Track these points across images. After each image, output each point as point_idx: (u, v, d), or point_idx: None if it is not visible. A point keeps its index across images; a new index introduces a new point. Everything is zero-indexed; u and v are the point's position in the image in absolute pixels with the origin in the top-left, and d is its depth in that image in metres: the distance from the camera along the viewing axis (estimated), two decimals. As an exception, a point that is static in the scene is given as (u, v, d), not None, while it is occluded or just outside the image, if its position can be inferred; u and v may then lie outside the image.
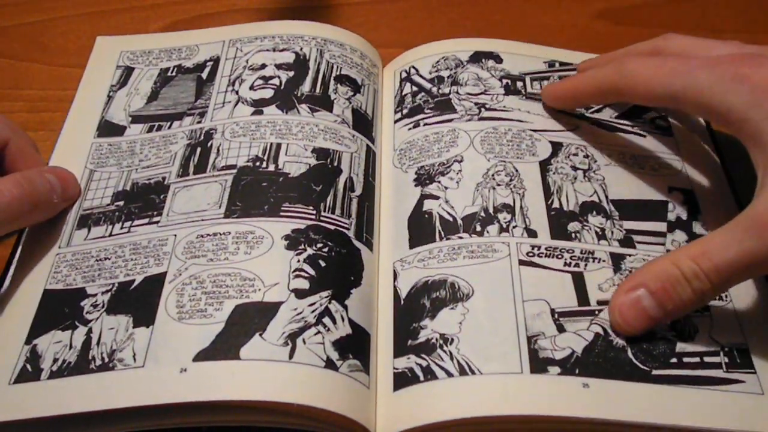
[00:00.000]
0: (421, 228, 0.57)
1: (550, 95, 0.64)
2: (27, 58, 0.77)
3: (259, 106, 0.63)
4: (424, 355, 0.50)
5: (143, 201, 0.58)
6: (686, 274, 0.48)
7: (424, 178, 0.60)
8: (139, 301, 0.52)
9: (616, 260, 0.55)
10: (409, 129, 0.64)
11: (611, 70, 0.58)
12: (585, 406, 0.47)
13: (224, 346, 0.48)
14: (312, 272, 0.53)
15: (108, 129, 0.64)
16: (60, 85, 0.74)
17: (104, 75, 0.69)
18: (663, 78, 0.54)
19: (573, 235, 0.56)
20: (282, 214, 0.56)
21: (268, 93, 0.65)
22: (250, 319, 0.50)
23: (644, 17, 0.82)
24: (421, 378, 0.49)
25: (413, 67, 0.69)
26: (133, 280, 0.53)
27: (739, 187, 0.62)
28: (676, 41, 0.59)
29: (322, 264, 0.53)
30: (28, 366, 0.49)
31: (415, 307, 0.53)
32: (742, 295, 0.53)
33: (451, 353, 0.49)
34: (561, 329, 0.51)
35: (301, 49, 0.68)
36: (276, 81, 0.65)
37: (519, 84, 0.67)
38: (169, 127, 0.64)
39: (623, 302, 0.50)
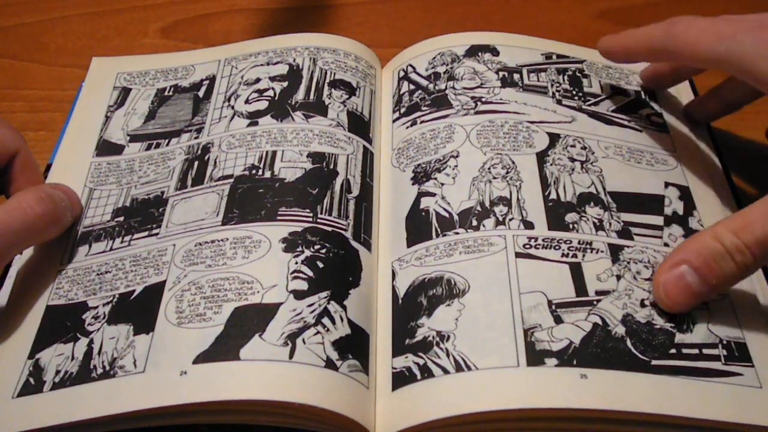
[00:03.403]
0: (419, 226, 0.56)
1: (605, 49, 0.63)
2: (27, 58, 0.77)
3: (254, 117, 0.64)
4: (421, 354, 0.49)
5: (143, 215, 0.58)
6: (729, 248, 0.48)
7: (421, 175, 0.60)
8: (139, 309, 0.52)
9: (615, 251, 0.54)
10: (407, 127, 0.64)
11: (661, 30, 0.57)
12: (583, 397, 0.46)
13: (224, 348, 0.48)
14: (310, 273, 0.52)
15: (106, 148, 0.64)
16: (60, 85, 0.74)
17: (101, 96, 0.69)
18: (708, 41, 0.53)
19: (571, 226, 0.55)
20: (279, 218, 0.55)
21: (262, 105, 0.65)
22: (249, 321, 0.49)
23: (644, 17, 0.80)
24: (419, 377, 0.48)
25: (410, 65, 0.69)
26: (133, 291, 0.53)
27: (737, 184, 0.62)
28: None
29: (320, 265, 0.53)
30: (31, 379, 0.50)
31: (412, 306, 0.52)
32: (739, 291, 0.53)
33: (447, 350, 0.49)
34: (558, 320, 0.50)
35: (294, 60, 0.68)
36: (270, 93, 0.65)
37: (516, 76, 0.66)
38: (167, 144, 0.64)
39: (667, 279, 0.50)
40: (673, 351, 0.49)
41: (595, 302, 0.51)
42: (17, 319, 0.53)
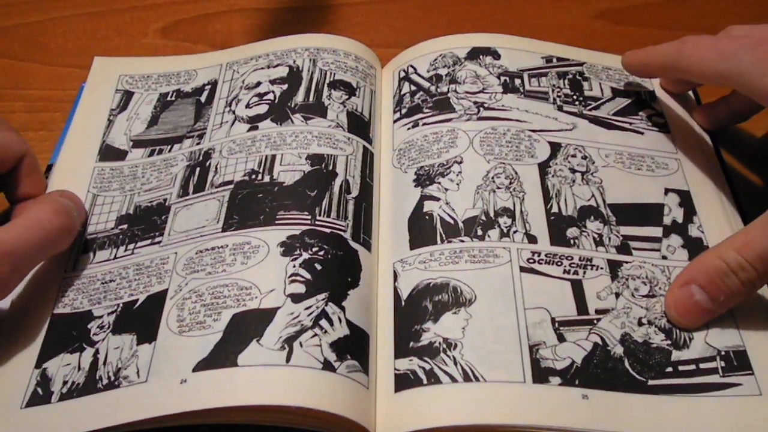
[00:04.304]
0: (422, 229, 0.56)
1: (627, 63, 0.65)
2: (27, 58, 0.76)
3: (254, 122, 0.63)
4: (427, 358, 0.49)
5: (146, 223, 0.58)
6: (732, 266, 0.49)
7: (423, 178, 0.59)
8: (142, 319, 0.52)
9: (614, 268, 0.54)
10: (408, 129, 0.63)
11: (672, 49, 0.59)
12: (585, 418, 0.46)
13: (222, 355, 0.48)
14: (308, 276, 0.52)
15: (109, 153, 0.64)
16: (60, 85, 0.73)
17: (104, 98, 0.68)
18: (712, 59, 0.55)
19: (572, 241, 0.55)
20: (277, 222, 0.55)
21: (262, 108, 0.64)
22: (247, 327, 0.49)
23: (644, 17, 0.81)
24: (425, 381, 0.48)
25: (411, 66, 0.68)
26: (137, 300, 0.53)
27: (737, 184, 0.62)
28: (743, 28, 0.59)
29: (318, 267, 0.53)
30: (39, 389, 0.50)
31: (416, 309, 0.52)
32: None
33: (454, 358, 0.49)
34: (561, 339, 0.50)
35: (294, 61, 0.68)
36: (270, 96, 0.65)
37: (517, 81, 0.66)
38: (170, 151, 0.63)
39: (677, 298, 0.51)
40: (669, 369, 0.49)
41: (595, 321, 0.51)
42: (23, 327, 0.53)
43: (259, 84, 0.66)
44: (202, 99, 0.67)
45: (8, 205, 0.57)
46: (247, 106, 0.65)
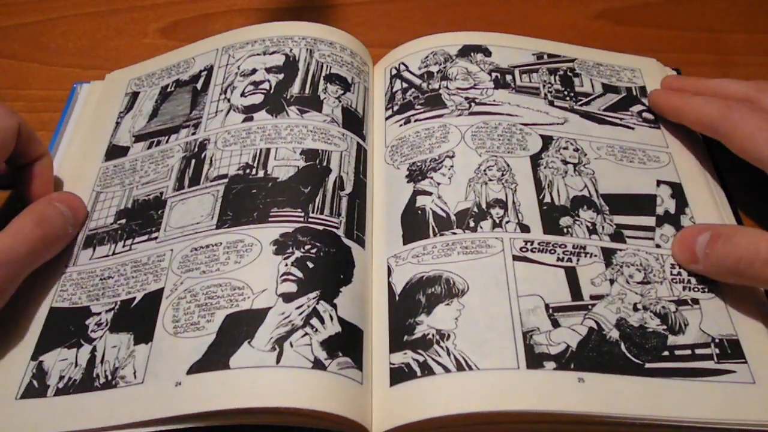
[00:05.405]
0: (415, 224, 0.55)
1: (656, 103, 0.64)
2: (27, 58, 0.76)
3: (249, 112, 0.62)
4: (420, 351, 0.48)
5: (143, 218, 0.57)
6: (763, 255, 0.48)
7: (416, 174, 0.58)
8: (139, 318, 0.51)
9: (608, 255, 0.54)
10: (400, 125, 0.63)
11: (717, 112, 0.57)
12: (581, 400, 0.46)
13: (215, 357, 0.47)
14: (300, 275, 0.51)
15: (114, 152, 0.63)
16: (60, 85, 0.72)
17: (114, 105, 0.68)
18: (759, 142, 0.54)
19: (565, 229, 0.55)
20: (270, 219, 0.54)
21: (258, 98, 0.63)
22: (239, 328, 0.48)
23: (644, 17, 0.81)
24: (418, 373, 0.47)
25: (403, 64, 0.68)
26: (134, 298, 0.52)
27: (729, 178, 0.61)
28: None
29: (310, 265, 0.51)
30: (35, 382, 0.49)
31: (410, 302, 0.51)
32: (732, 288, 0.52)
33: (447, 349, 0.48)
34: (555, 324, 0.49)
35: (291, 50, 0.66)
36: (266, 85, 0.64)
37: (508, 77, 0.65)
38: (167, 142, 0.62)
39: (689, 229, 0.54)
40: (665, 353, 0.49)
41: (590, 306, 0.51)
42: (20, 318, 0.53)
43: (254, 71, 0.65)
44: (198, 86, 0.66)
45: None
46: (243, 94, 0.63)
